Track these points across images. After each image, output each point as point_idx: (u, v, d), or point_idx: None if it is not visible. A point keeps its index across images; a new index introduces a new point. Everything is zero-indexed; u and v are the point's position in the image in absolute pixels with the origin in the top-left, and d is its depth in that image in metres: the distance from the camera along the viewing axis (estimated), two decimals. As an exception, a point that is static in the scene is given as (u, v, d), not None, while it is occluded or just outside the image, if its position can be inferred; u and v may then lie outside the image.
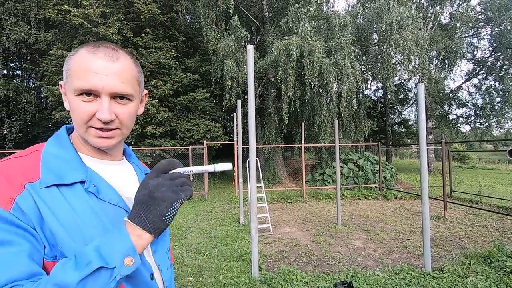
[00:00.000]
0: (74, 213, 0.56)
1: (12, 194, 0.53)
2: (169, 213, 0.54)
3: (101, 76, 0.60)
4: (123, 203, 0.64)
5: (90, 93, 0.60)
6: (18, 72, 15.98)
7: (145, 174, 0.78)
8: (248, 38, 10.65)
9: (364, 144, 12.25)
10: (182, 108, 12.77)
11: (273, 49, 9.54)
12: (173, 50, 11.61)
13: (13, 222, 0.51)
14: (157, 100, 10.74)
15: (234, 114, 6.71)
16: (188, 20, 15.79)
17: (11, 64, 15.07)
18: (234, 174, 8.73)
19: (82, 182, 0.60)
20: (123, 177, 0.70)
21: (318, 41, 9.29)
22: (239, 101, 5.97)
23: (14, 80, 14.27)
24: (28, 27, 11.49)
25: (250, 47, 3.40)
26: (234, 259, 3.94)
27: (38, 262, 0.52)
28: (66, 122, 12.74)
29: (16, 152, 0.65)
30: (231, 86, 10.47)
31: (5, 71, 13.97)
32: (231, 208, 7.50)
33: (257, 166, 6.04)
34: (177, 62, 11.76)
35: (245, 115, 11.15)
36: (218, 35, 10.92)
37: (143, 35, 11.10)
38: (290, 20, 9.81)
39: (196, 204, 8.18)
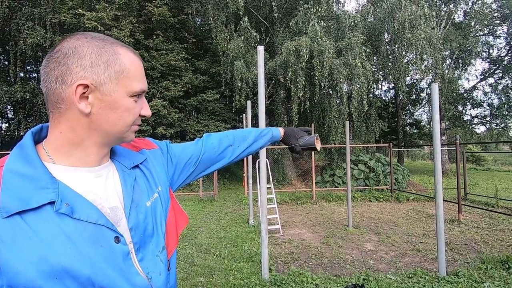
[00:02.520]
0: (40, 244, 0.48)
1: None
2: None
3: None
4: (104, 219, 0.55)
5: (140, 94, 0.62)
6: (34, 75, 16.44)
7: (134, 167, 0.68)
8: (258, 39, 10.68)
9: (375, 145, 12.08)
10: (192, 109, 12.91)
11: (282, 50, 9.54)
12: (183, 52, 11.76)
13: None
14: (167, 102, 10.88)
15: (244, 115, 6.73)
16: (198, 22, 15.95)
17: (28, 67, 15.54)
18: (244, 175, 8.74)
19: (53, 203, 0.51)
20: (107, 183, 0.61)
21: (328, 41, 9.23)
22: (248, 102, 5.98)
23: (31, 83, 14.68)
24: (44, 31, 11.82)
25: (261, 48, 3.40)
26: (244, 260, 3.94)
27: None
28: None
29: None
30: (241, 87, 10.51)
31: (22, 74, 14.41)
32: (241, 209, 7.51)
33: (267, 167, 6.04)
34: (187, 64, 11.90)
35: (254, 116, 11.16)
36: (228, 37, 10.99)
37: (154, 37, 11.28)
38: (300, 20, 9.78)
39: (206, 205, 8.23)
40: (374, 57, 12.98)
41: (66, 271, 0.49)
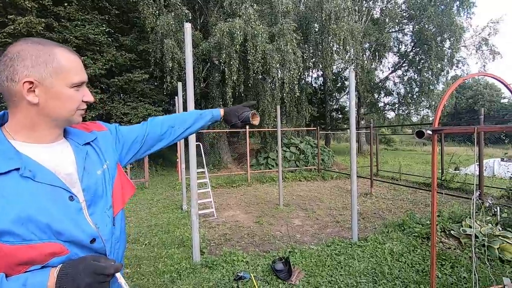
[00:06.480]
0: (9, 199, 0.65)
1: None
2: None
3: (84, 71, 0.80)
4: (59, 182, 0.72)
5: (80, 85, 0.77)
6: None
7: (85, 144, 0.85)
8: (190, 18, 10.12)
9: (305, 128, 12.93)
10: (118, 90, 11.70)
11: (216, 31, 9.25)
12: (104, 25, 10.44)
13: None
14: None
15: (176, 97, 6.38)
16: (122, -8, 14.24)
17: None
18: (177, 160, 8.42)
19: (18, 169, 0.67)
20: (61, 156, 0.77)
21: (261, 26, 9.28)
22: (180, 83, 5.69)
23: None
24: None
25: (188, 25, 3.21)
26: (176, 245, 3.85)
27: None
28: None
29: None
30: (172, 68, 9.92)
31: None
32: (174, 195, 7.28)
33: (201, 152, 5.91)
34: (109, 39, 10.64)
35: (187, 99, 10.70)
36: (157, 12, 10.11)
37: (65, 4, 9.69)
38: (234, 1, 9.57)
39: (135, 193, 7.71)
40: (305, 45, 13.64)
41: (30, 219, 0.65)
